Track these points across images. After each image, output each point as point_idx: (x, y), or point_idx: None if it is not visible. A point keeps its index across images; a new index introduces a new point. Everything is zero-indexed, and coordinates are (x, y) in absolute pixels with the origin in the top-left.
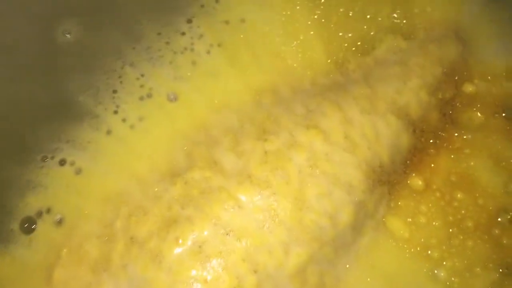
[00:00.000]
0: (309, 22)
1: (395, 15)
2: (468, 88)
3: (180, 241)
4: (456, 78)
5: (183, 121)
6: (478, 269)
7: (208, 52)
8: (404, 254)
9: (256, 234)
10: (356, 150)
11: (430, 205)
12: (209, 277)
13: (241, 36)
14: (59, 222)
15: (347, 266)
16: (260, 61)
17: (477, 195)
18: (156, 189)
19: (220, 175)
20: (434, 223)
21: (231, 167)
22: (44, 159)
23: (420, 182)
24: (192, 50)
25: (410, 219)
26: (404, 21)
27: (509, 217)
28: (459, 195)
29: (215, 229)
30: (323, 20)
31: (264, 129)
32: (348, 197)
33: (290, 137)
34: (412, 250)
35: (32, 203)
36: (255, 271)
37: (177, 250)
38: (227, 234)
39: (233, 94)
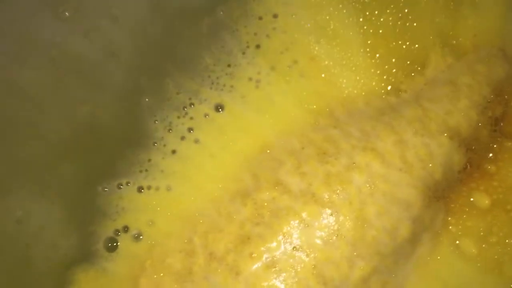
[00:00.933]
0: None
1: (443, 34)
2: None
3: (254, 255)
4: (506, 97)
5: (245, 143)
6: None
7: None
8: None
9: (323, 250)
10: (411, 170)
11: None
12: None
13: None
14: (139, 239)
15: (407, 274)
16: (314, 84)
17: None
18: (229, 209)
19: (286, 195)
20: (503, 238)
21: (296, 187)
22: (119, 186)
23: (482, 198)
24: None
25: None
26: (453, 41)
27: None
28: None
29: (285, 245)
30: (370, 40)
31: (324, 151)
32: (406, 214)
33: (349, 159)
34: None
35: (111, 225)
36: (324, 284)
37: (252, 264)
38: (296, 250)
39: (292, 116)
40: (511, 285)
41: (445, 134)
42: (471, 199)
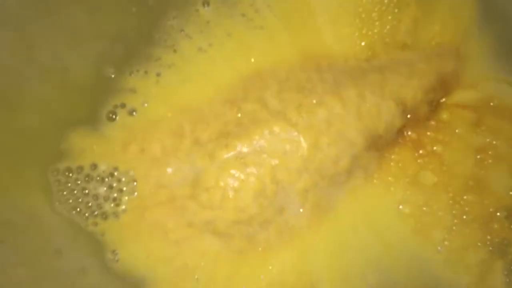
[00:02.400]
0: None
1: (417, 24)
2: (454, 97)
3: (229, 146)
4: (447, 87)
5: (244, 62)
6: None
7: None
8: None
9: (282, 157)
10: (361, 119)
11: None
12: (243, 177)
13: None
14: (136, 115)
15: (340, 197)
16: (308, 34)
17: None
18: (218, 109)
19: (265, 110)
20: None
21: (274, 107)
22: (130, 73)
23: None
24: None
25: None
26: (422, 33)
27: None
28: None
29: (255, 146)
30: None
31: (303, 86)
32: (349, 150)
33: (319, 97)
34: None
35: (112, 101)
36: (276, 183)
37: (225, 153)
38: (262, 151)
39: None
40: (437, 247)
41: (394, 101)
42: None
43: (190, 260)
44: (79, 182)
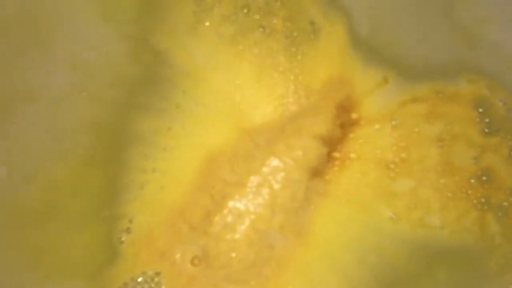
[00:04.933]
0: None
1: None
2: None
3: (215, 223)
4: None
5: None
6: None
7: None
8: None
9: (254, 214)
10: (297, 161)
11: None
12: (236, 237)
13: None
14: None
15: (311, 220)
16: None
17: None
18: (194, 199)
19: (228, 186)
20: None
21: (232, 180)
22: None
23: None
24: None
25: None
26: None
27: None
28: None
29: (233, 215)
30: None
31: (246, 156)
32: (300, 186)
33: (261, 159)
34: None
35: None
36: (258, 231)
37: (215, 228)
38: (239, 216)
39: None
40: (439, 228)
41: (311, 137)
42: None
43: None
44: None
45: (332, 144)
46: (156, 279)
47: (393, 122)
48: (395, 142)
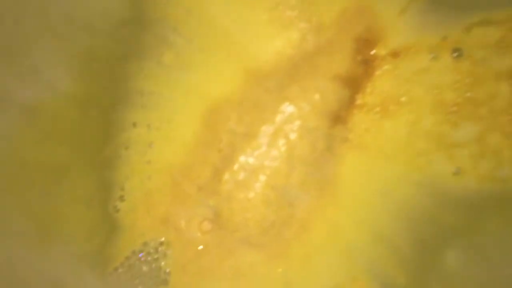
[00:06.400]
0: None
1: None
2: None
3: (225, 181)
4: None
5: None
6: None
7: None
8: None
9: (269, 169)
10: (314, 107)
11: None
12: (250, 196)
13: None
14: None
15: (335, 171)
16: None
17: None
18: (201, 155)
19: (237, 137)
20: None
21: (241, 131)
22: None
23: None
24: None
25: None
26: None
27: None
28: None
29: (245, 171)
30: None
31: (254, 103)
32: (318, 135)
33: (272, 106)
34: None
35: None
36: (276, 189)
37: (226, 186)
38: (252, 173)
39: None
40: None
41: (328, 80)
42: None
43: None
44: None
45: (356, 84)
46: (160, 249)
47: (454, 54)
48: (453, 78)
